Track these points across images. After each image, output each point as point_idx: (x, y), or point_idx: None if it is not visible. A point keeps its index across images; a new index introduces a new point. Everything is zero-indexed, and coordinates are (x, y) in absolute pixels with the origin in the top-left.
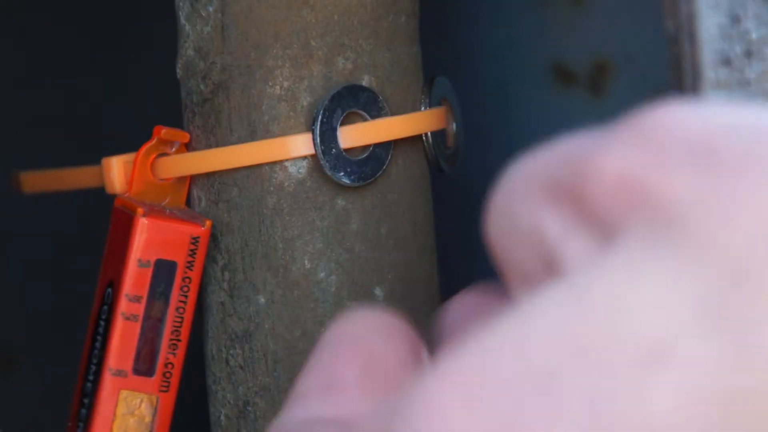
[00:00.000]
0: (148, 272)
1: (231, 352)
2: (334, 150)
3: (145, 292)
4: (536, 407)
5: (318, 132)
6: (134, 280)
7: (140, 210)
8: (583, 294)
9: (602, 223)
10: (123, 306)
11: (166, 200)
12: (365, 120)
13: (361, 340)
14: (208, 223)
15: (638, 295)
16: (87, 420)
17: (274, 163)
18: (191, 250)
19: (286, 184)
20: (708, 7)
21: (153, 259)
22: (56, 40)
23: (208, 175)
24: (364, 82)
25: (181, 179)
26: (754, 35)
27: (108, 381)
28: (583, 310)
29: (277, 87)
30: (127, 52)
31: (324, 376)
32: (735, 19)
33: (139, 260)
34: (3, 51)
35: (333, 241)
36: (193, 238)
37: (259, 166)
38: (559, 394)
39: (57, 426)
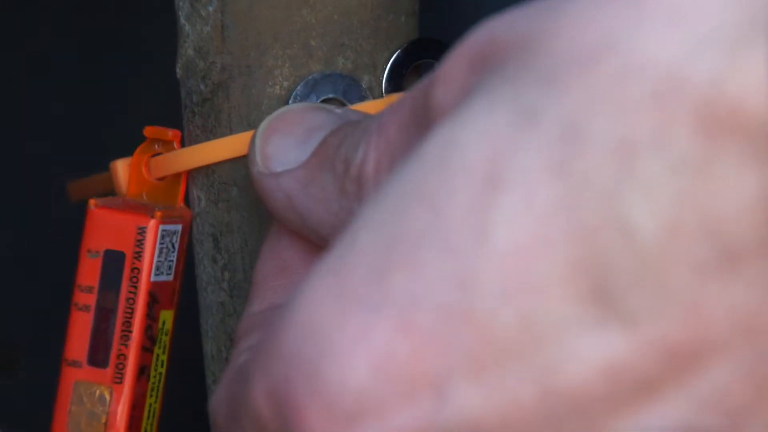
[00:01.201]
0: (98, 262)
1: (231, 352)
2: None
3: (96, 283)
4: (394, 269)
5: None
6: (85, 270)
7: (92, 201)
8: (422, 147)
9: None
10: (76, 296)
11: (163, 200)
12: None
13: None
14: (158, 214)
15: (464, 129)
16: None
17: None
18: (138, 241)
19: None
20: None
21: (102, 250)
22: (56, 40)
23: (208, 175)
24: (364, 82)
25: (176, 178)
26: None
27: (65, 372)
28: (422, 161)
29: (277, 87)
30: (127, 51)
31: (272, 262)
32: None
33: (89, 251)
34: (2, 51)
35: None
36: (140, 228)
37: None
38: (414, 254)
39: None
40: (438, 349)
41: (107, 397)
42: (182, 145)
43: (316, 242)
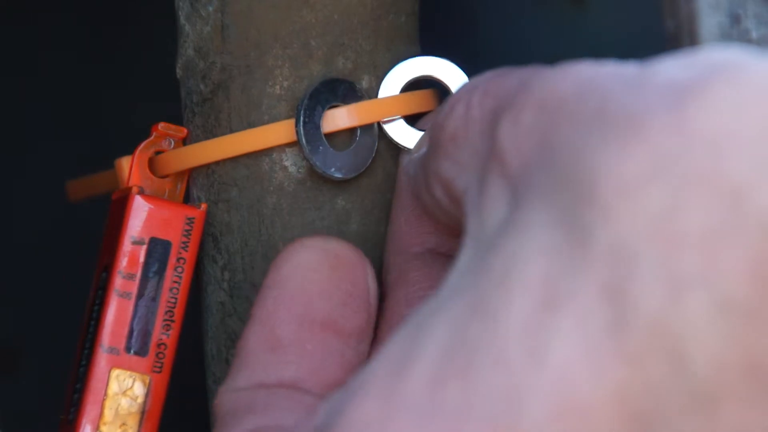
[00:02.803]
0: (142, 250)
1: (231, 352)
2: (321, 147)
3: (138, 270)
4: (449, 379)
5: (302, 133)
6: (128, 257)
7: (135, 188)
8: (487, 260)
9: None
10: (117, 283)
11: (165, 197)
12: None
13: (300, 285)
14: (203, 205)
15: (523, 246)
16: (79, 402)
17: (274, 162)
18: (186, 231)
19: (285, 184)
20: (708, 6)
21: (147, 237)
22: (56, 41)
23: (208, 175)
24: (364, 82)
25: (179, 177)
26: (754, 35)
27: (100, 358)
28: (486, 274)
29: (277, 87)
30: (127, 52)
31: (264, 335)
32: (735, 19)
33: (133, 237)
34: (2, 51)
35: None
36: (189, 218)
37: (259, 166)
38: (469, 368)
39: (58, 426)
40: None
41: (145, 385)
42: (183, 144)
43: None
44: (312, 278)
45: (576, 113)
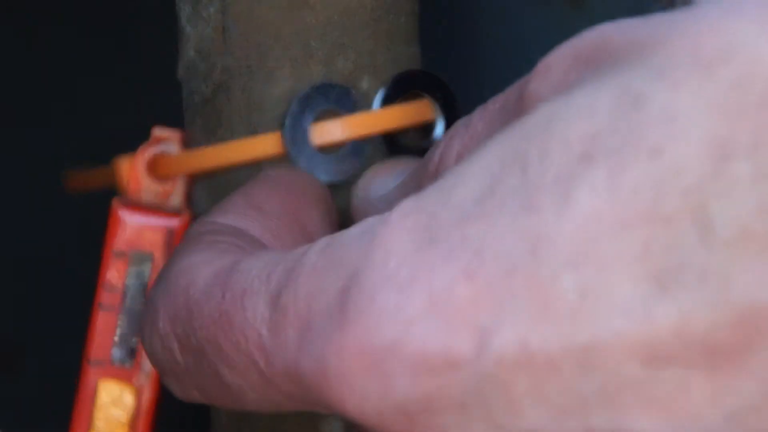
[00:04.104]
0: (125, 263)
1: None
2: (306, 151)
3: (122, 283)
4: (475, 219)
5: (288, 138)
6: (111, 270)
7: (116, 201)
8: (524, 119)
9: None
10: (101, 296)
11: (167, 200)
12: (339, 116)
13: (291, 188)
14: (185, 215)
15: (568, 106)
16: (70, 413)
17: (275, 163)
18: (168, 242)
19: None
20: None
21: (128, 250)
22: (56, 40)
23: (209, 176)
24: (364, 83)
25: (180, 179)
26: None
27: (87, 371)
28: (522, 129)
29: (278, 88)
30: (128, 53)
31: (251, 199)
32: None
33: (115, 250)
34: (2, 51)
35: None
36: (170, 230)
37: (260, 167)
38: (499, 209)
39: (58, 426)
40: (494, 301)
41: (131, 397)
42: (185, 145)
43: None
44: (299, 188)
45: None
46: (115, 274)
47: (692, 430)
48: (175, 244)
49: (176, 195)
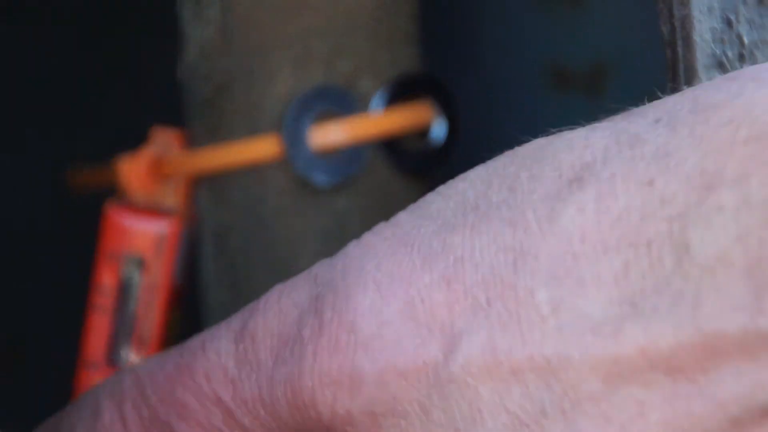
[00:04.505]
0: (117, 265)
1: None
2: (304, 152)
3: (114, 285)
4: (459, 229)
5: (287, 138)
6: (103, 272)
7: (110, 204)
8: (515, 150)
9: None
10: (94, 298)
11: (167, 201)
12: (339, 117)
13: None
14: (176, 219)
15: (562, 138)
16: None
17: (275, 163)
18: (158, 244)
19: (286, 184)
20: (701, 11)
21: (121, 252)
22: (57, 40)
23: (210, 176)
24: (364, 84)
25: (180, 179)
26: (746, 39)
27: (82, 372)
28: (514, 157)
29: (279, 89)
30: (129, 54)
31: None
32: (728, 24)
33: (107, 253)
34: (2, 51)
35: (333, 241)
36: (160, 234)
37: (260, 167)
38: (482, 221)
39: None
40: (468, 307)
41: None
42: (185, 145)
43: None
44: None
45: None
46: (107, 277)
47: None
48: (167, 248)
49: (176, 195)
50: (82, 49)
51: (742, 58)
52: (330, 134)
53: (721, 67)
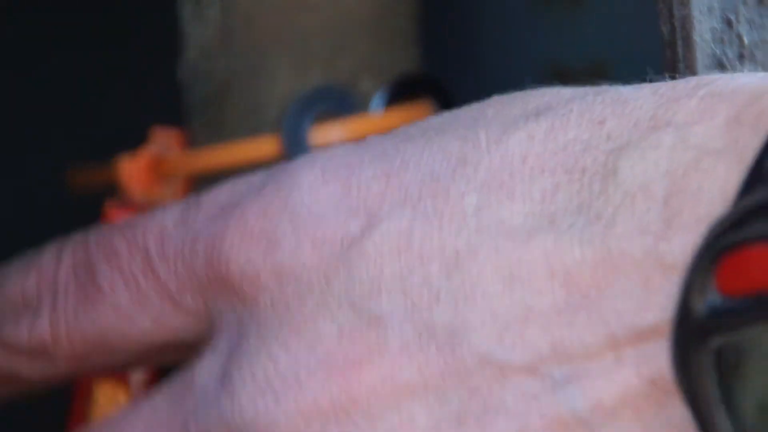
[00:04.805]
0: None
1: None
2: (304, 152)
3: None
4: (411, 142)
5: (287, 139)
6: None
7: (109, 203)
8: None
9: None
10: None
11: (167, 201)
12: (339, 117)
13: None
14: None
15: (538, 89)
16: (69, 414)
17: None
18: None
19: None
20: (701, 11)
21: None
22: (57, 40)
23: (208, 176)
24: (364, 84)
25: (180, 180)
26: (746, 39)
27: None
28: (478, 104)
29: (279, 89)
30: (130, 54)
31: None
32: (728, 24)
33: None
34: (2, 51)
35: None
36: None
37: (260, 166)
38: (438, 135)
39: (58, 425)
40: (399, 198)
41: (126, 398)
42: (185, 145)
43: None
44: None
45: None
46: None
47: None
48: None
49: (176, 195)
50: (82, 49)
51: (742, 58)
52: (330, 134)
53: (721, 67)
